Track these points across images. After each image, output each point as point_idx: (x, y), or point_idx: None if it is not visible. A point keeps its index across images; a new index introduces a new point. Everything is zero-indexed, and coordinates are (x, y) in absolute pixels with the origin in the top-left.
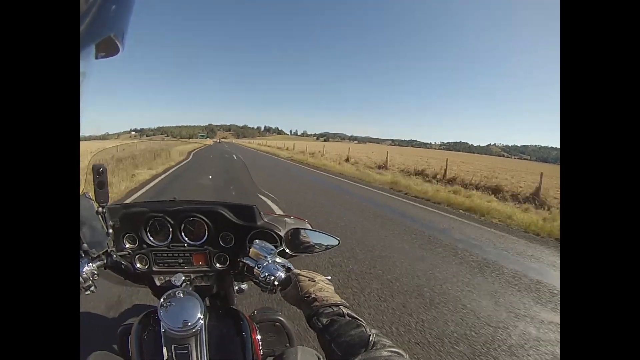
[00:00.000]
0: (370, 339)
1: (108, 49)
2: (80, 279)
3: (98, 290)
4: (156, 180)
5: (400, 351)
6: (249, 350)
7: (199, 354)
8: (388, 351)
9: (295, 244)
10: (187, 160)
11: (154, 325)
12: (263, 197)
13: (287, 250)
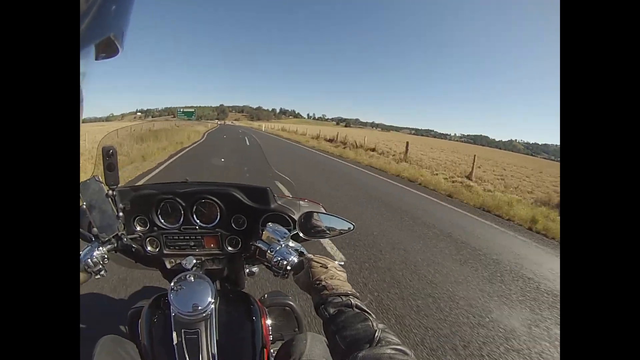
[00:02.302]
0: (376, 334)
1: (108, 49)
2: (90, 262)
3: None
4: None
5: (406, 349)
6: (259, 335)
7: (209, 338)
8: (392, 349)
9: (309, 227)
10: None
11: (164, 309)
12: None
13: (301, 234)
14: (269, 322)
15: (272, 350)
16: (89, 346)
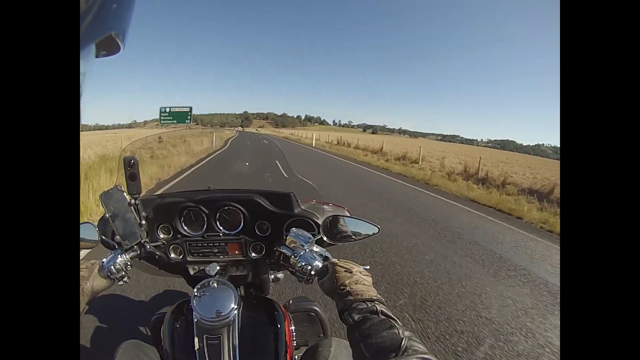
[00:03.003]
0: (402, 343)
1: (109, 47)
2: (113, 269)
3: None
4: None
5: (433, 358)
6: (282, 341)
7: (230, 345)
8: (420, 358)
9: (334, 232)
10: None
11: (187, 315)
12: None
13: (325, 239)
14: (293, 327)
15: (296, 357)
16: (112, 349)
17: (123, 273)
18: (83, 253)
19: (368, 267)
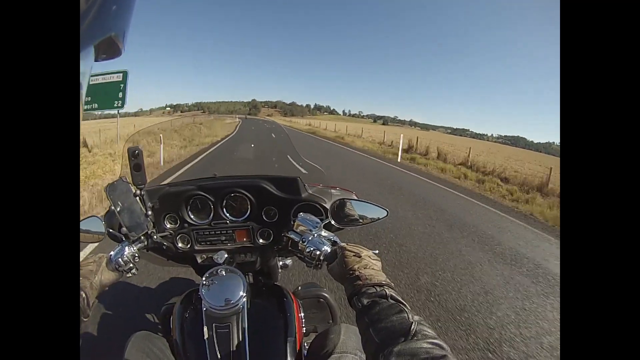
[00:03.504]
0: (412, 327)
1: (109, 50)
2: (121, 261)
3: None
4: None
5: (442, 343)
6: (291, 327)
7: (240, 332)
8: (429, 343)
9: (342, 216)
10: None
11: (196, 304)
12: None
13: (333, 223)
14: (302, 314)
15: (305, 343)
16: (122, 342)
17: (131, 265)
18: (91, 247)
19: (377, 251)
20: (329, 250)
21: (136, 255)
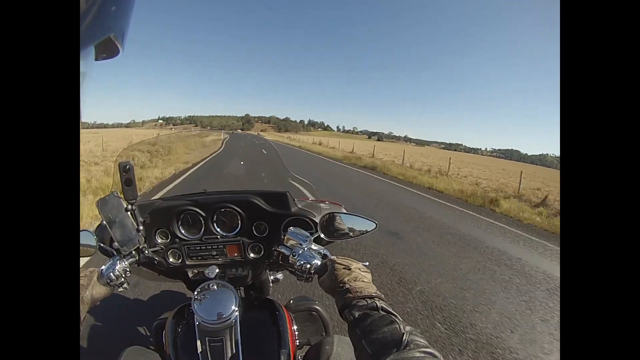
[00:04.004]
0: (404, 337)
1: (108, 50)
2: (112, 276)
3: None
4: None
5: (435, 352)
6: (284, 341)
7: (233, 346)
8: (421, 352)
9: (331, 229)
10: None
11: (188, 319)
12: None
13: (323, 236)
14: (295, 327)
15: (299, 356)
16: (114, 357)
17: (122, 279)
18: (82, 261)
19: (367, 263)
20: (319, 263)
21: (127, 270)
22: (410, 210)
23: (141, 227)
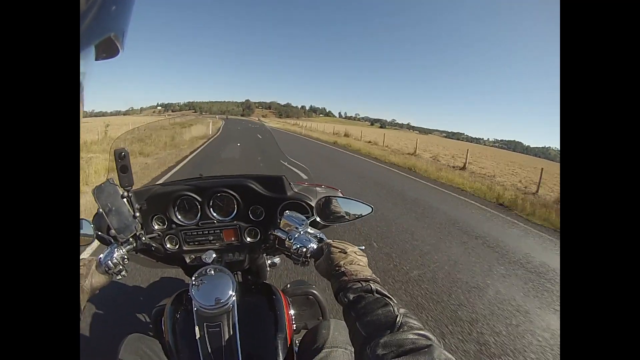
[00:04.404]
0: (398, 319)
1: (108, 49)
2: (110, 263)
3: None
4: None
5: (428, 334)
6: (282, 325)
7: (231, 331)
8: (415, 334)
9: (327, 213)
10: None
11: (187, 305)
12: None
13: (319, 220)
14: (292, 311)
15: (296, 340)
16: (115, 345)
17: (120, 267)
18: (80, 250)
19: (363, 247)
20: (315, 247)
21: (125, 257)
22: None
23: (137, 214)
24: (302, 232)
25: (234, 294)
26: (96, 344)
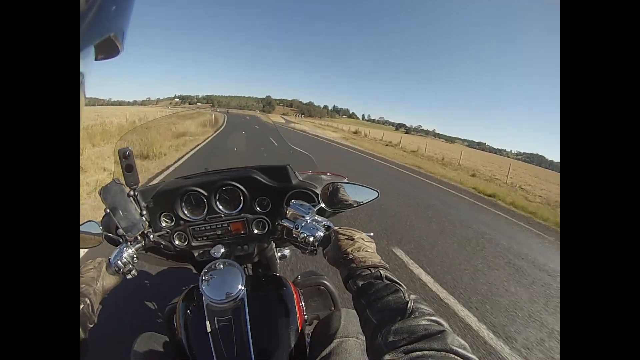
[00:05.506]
0: (409, 305)
1: (108, 49)
2: (120, 263)
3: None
4: None
5: (441, 320)
6: (293, 317)
7: (242, 324)
8: (427, 320)
9: (334, 200)
10: None
11: (197, 301)
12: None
13: (326, 208)
14: (303, 303)
15: (307, 332)
16: (129, 344)
17: (130, 267)
18: (90, 252)
19: (372, 233)
20: (322, 235)
21: (134, 256)
22: None
23: (145, 212)
24: (309, 221)
25: (243, 287)
26: (111, 345)
